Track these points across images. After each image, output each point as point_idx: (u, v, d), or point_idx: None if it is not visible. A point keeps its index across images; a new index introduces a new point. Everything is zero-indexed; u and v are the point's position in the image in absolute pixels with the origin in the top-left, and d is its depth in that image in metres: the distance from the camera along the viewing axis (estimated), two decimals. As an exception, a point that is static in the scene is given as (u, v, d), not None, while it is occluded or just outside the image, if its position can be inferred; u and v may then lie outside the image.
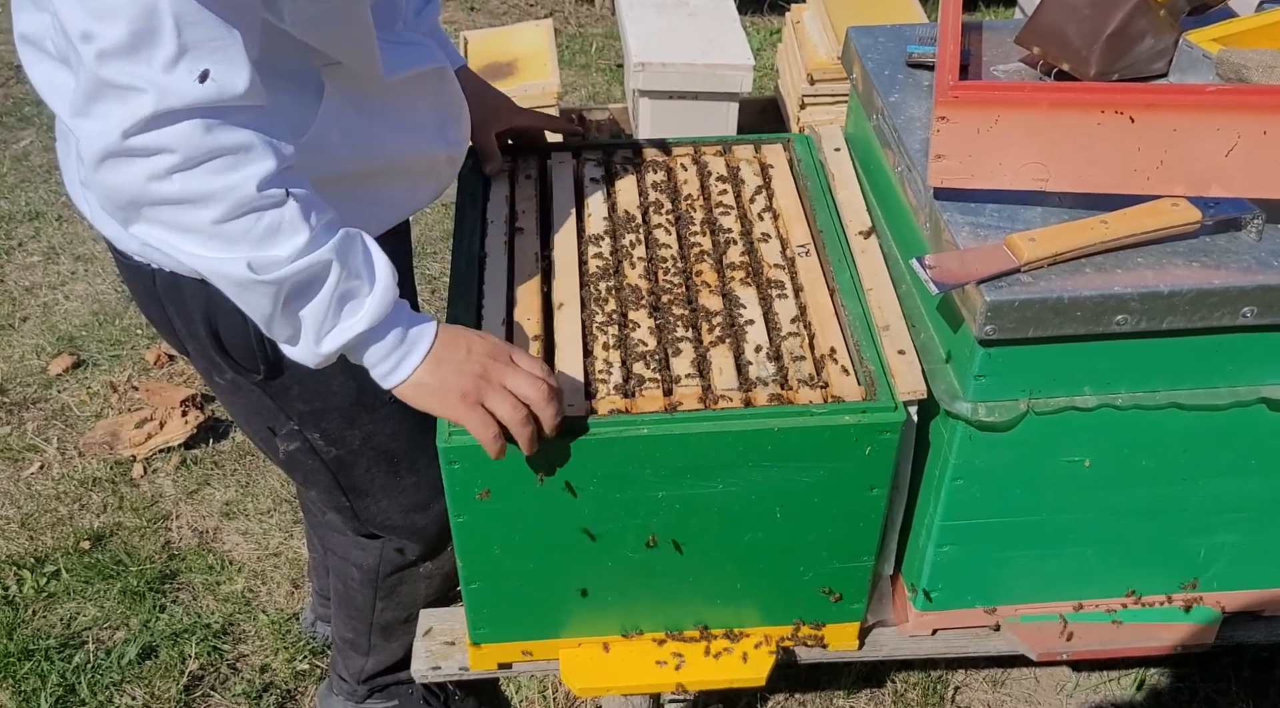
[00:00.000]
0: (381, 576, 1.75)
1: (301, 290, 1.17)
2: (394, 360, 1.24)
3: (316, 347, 1.21)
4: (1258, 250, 1.32)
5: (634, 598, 1.54)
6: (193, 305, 1.38)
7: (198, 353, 1.46)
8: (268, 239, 1.13)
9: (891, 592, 1.68)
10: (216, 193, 1.09)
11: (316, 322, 1.19)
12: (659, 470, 1.37)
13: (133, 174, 1.08)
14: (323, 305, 1.18)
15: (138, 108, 1.04)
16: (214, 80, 1.06)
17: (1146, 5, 1.44)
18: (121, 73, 1.03)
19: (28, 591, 2.30)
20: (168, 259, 1.33)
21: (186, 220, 1.11)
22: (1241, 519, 1.53)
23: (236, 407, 1.55)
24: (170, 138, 1.06)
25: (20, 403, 2.78)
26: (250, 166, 1.11)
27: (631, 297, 1.51)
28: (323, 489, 1.62)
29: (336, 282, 1.18)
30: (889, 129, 1.54)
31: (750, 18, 4.58)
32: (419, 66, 1.39)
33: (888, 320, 1.46)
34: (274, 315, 1.17)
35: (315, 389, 1.48)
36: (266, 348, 1.41)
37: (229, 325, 1.39)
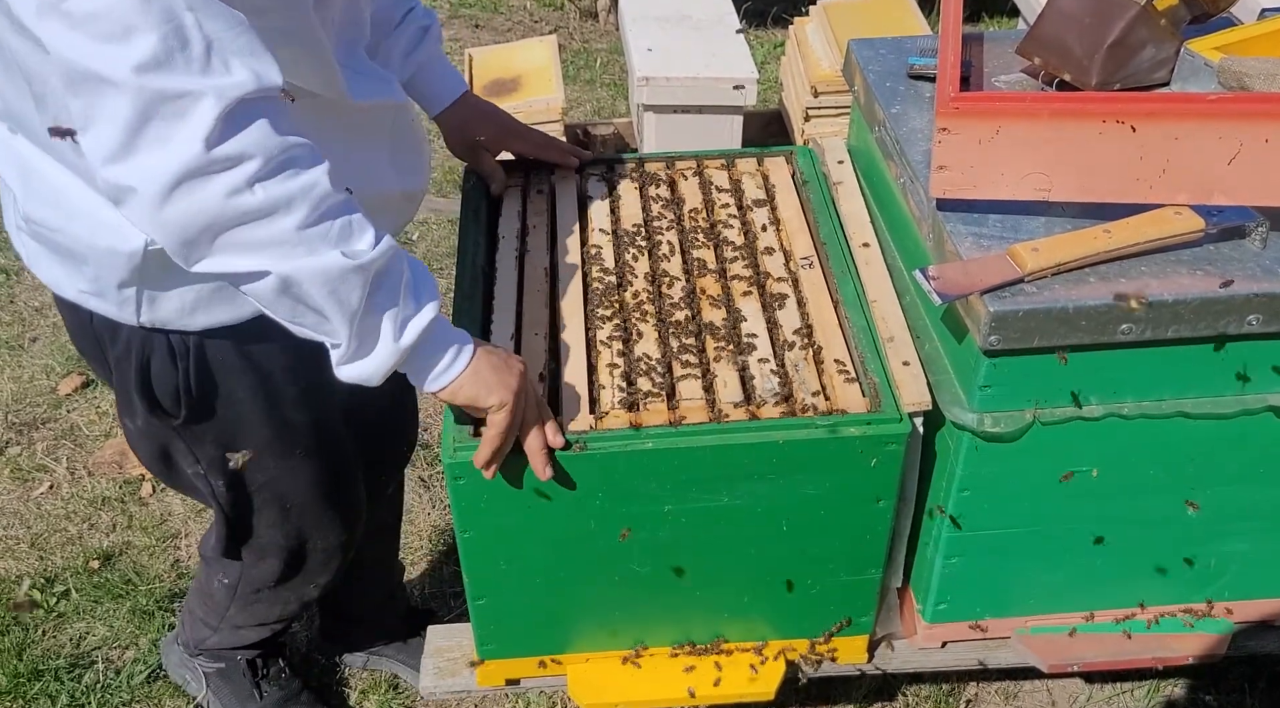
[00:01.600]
0: (240, 592, 1.77)
1: (383, 279, 1.17)
2: (454, 350, 1.25)
3: (397, 341, 1.20)
4: (1262, 258, 1.32)
5: (641, 613, 1.53)
6: (128, 347, 1.37)
7: (120, 392, 1.44)
8: (345, 237, 1.14)
9: (900, 604, 1.67)
10: (298, 195, 1.09)
11: (395, 315, 1.19)
12: (664, 484, 1.36)
13: (212, 193, 1.05)
14: (399, 294, 1.19)
15: (204, 113, 1.01)
16: (250, 70, 1.04)
17: (1148, 15, 1.44)
18: (171, 82, 0.99)
19: (37, 610, 2.30)
20: (106, 307, 1.31)
21: (269, 232, 1.09)
22: (1251, 528, 1.52)
23: (143, 448, 1.54)
24: (249, 142, 1.04)
25: (30, 423, 2.78)
26: (317, 165, 1.11)
27: (635, 310, 1.52)
28: (216, 520, 1.63)
29: (403, 270, 1.19)
30: (891, 141, 1.55)
31: (753, 31, 4.60)
32: (384, 98, 1.38)
33: (892, 332, 1.46)
34: (358, 312, 1.16)
35: (231, 434, 1.47)
36: (194, 393, 1.40)
37: (161, 368, 1.38)
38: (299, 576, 1.73)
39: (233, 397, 1.43)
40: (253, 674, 1.98)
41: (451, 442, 1.33)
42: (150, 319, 1.32)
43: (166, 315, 1.32)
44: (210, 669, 1.98)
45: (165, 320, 1.33)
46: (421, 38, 1.57)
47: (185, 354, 1.37)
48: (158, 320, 1.33)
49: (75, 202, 1.22)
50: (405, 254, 1.22)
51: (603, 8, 4.71)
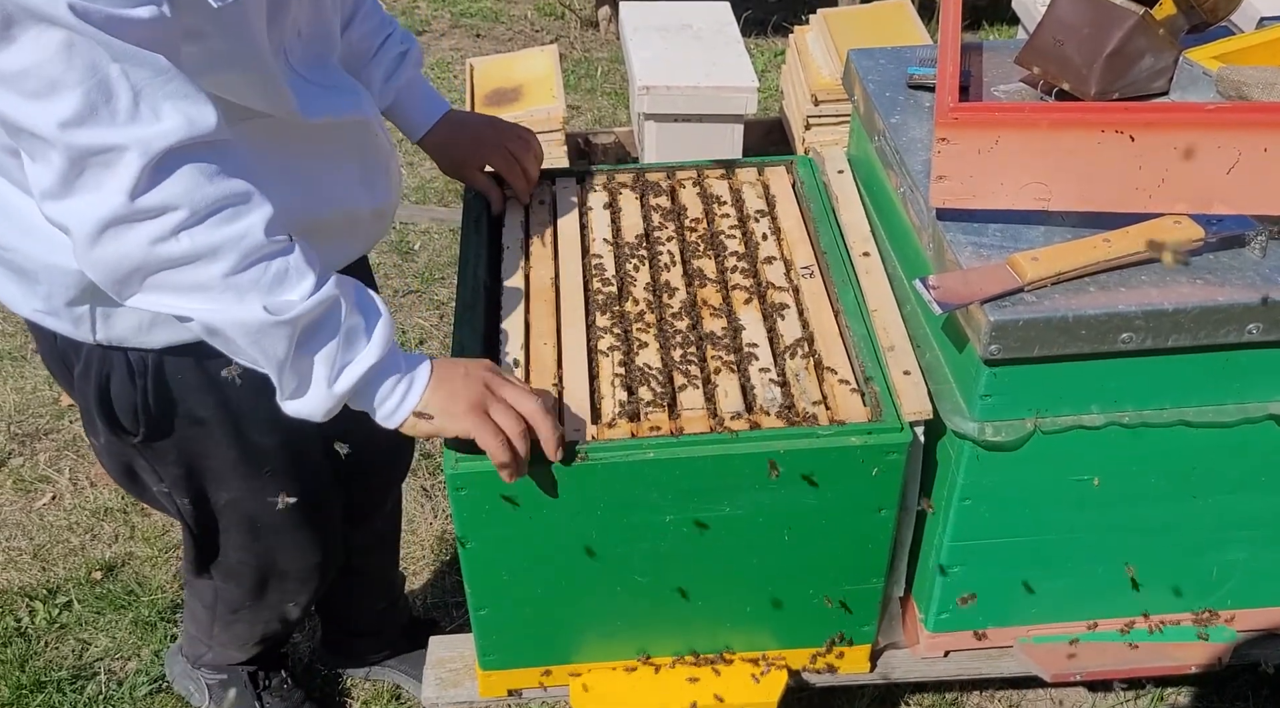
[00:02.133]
0: (219, 612, 1.79)
1: (314, 330, 1.16)
2: (401, 391, 1.23)
3: (330, 388, 1.19)
4: (1262, 267, 1.32)
5: (643, 623, 1.53)
6: (87, 364, 1.37)
7: (82, 409, 1.45)
8: (277, 285, 1.13)
9: (902, 613, 1.67)
10: (226, 244, 1.09)
11: (329, 360, 1.18)
12: (666, 494, 1.36)
13: (136, 240, 1.06)
14: (334, 343, 1.17)
15: (128, 166, 1.02)
16: (183, 115, 1.04)
17: (1146, 24, 1.45)
18: (94, 137, 1.01)
19: (40, 622, 2.31)
20: (62, 325, 1.32)
21: (195, 278, 1.10)
22: (1253, 536, 1.52)
23: (109, 465, 1.55)
24: (174, 191, 1.05)
25: (33, 434, 2.79)
26: (253, 213, 1.11)
27: (637, 320, 1.52)
28: (185, 538, 1.64)
29: (343, 318, 1.18)
30: (891, 150, 1.55)
31: (754, 40, 4.61)
32: (341, 114, 1.35)
33: (893, 341, 1.46)
34: (286, 361, 1.16)
35: (193, 452, 1.47)
36: (152, 411, 1.40)
37: (120, 386, 1.38)
38: (273, 596, 1.73)
39: (193, 415, 1.43)
40: (254, 686, 1.98)
41: (453, 454, 1.33)
42: (107, 337, 1.32)
43: (123, 333, 1.32)
44: (213, 681, 1.99)
45: (122, 338, 1.33)
46: (399, 63, 1.56)
47: (144, 372, 1.37)
48: (114, 338, 1.32)
49: (28, 219, 1.21)
50: (352, 293, 1.20)
51: (603, 17, 4.72)
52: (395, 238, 3.50)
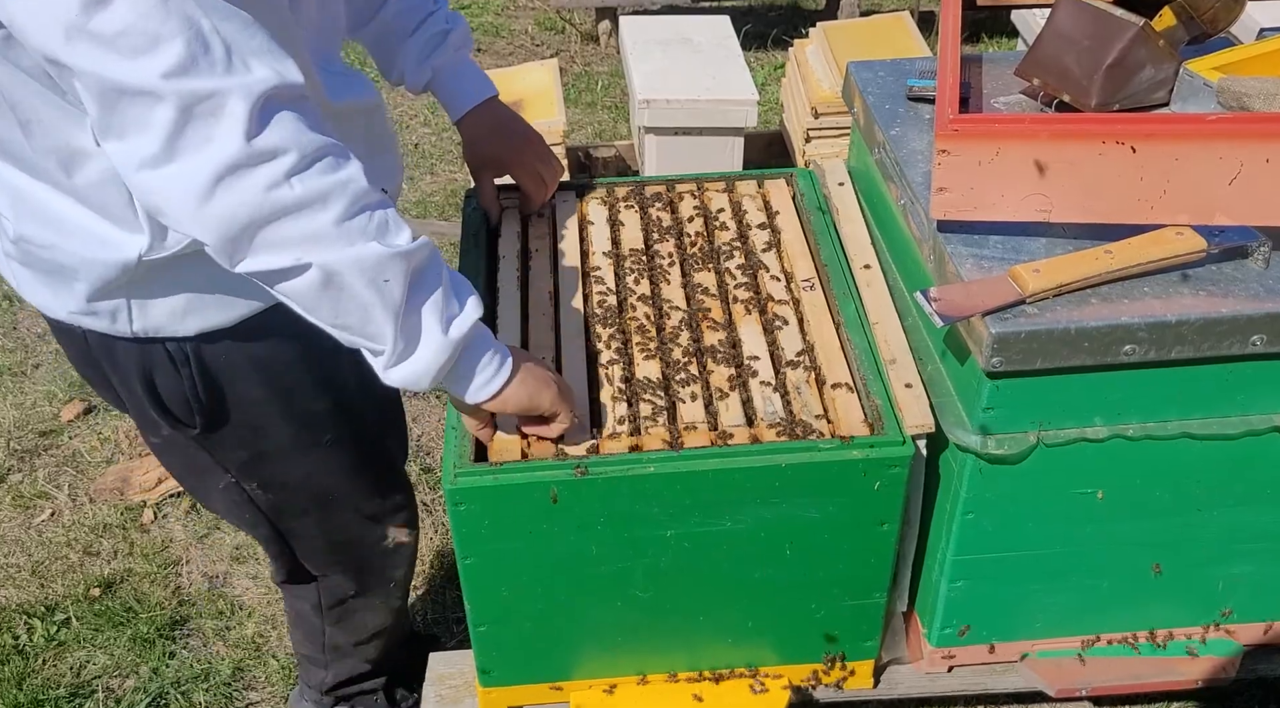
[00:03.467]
0: (326, 608, 1.76)
1: (423, 274, 1.17)
2: (500, 356, 1.25)
3: (445, 335, 1.19)
4: (1265, 278, 1.31)
5: (645, 639, 1.52)
6: (127, 363, 1.36)
7: (135, 410, 1.44)
8: (383, 233, 1.14)
9: (906, 628, 1.66)
10: (335, 190, 1.09)
11: (438, 312, 1.18)
12: (666, 509, 1.36)
13: (252, 187, 1.06)
14: (439, 293, 1.18)
15: (236, 109, 1.03)
16: (270, 68, 1.06)
17: (1146, 35, 1.45)
18: (201, 84, 1.02)
19: (38, 639, 2.29)
20: (98, 323, 1.31)
21: (307, 227, 1.09)
22: (1259, 550, 1.51)
23: (173, 463, 1.53)
24: (283, 136, 1.06)
25: (32, 450, 2.78)
26: (352, 162, 1.12)
27: (637, 333, 1.51)
28: (261, 536, 1.62)
29: (442, 270, 1.19)
30: (891, 162, 1.55)
31: (754, 53, 4.62)
32: (359, 98, 1.38)
33: (894, 354, 1.45)
34: (401, 305, 1.15)
35: (253, 436, 1.46)
36: (203, 399, 1.40)
37: (165, 379, 1.37)
38: (371, 573, 1.71)
39: (245, 397, 1.42)
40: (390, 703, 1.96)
41: (452, 467, 1.32)
42: (143, 328, 1.32)
43: (159, 322, 1.32)
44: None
45: (158, 327, 1.33)
46: (441, 42, 1.57)
47: (185, 361, 1.37)
48: (150, 328, 1.32)
49: (68, 219, 1.22)
50: (442, 259, 1.22)
51: (604, 31, 4.73)
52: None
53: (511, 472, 1.31)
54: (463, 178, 3.83)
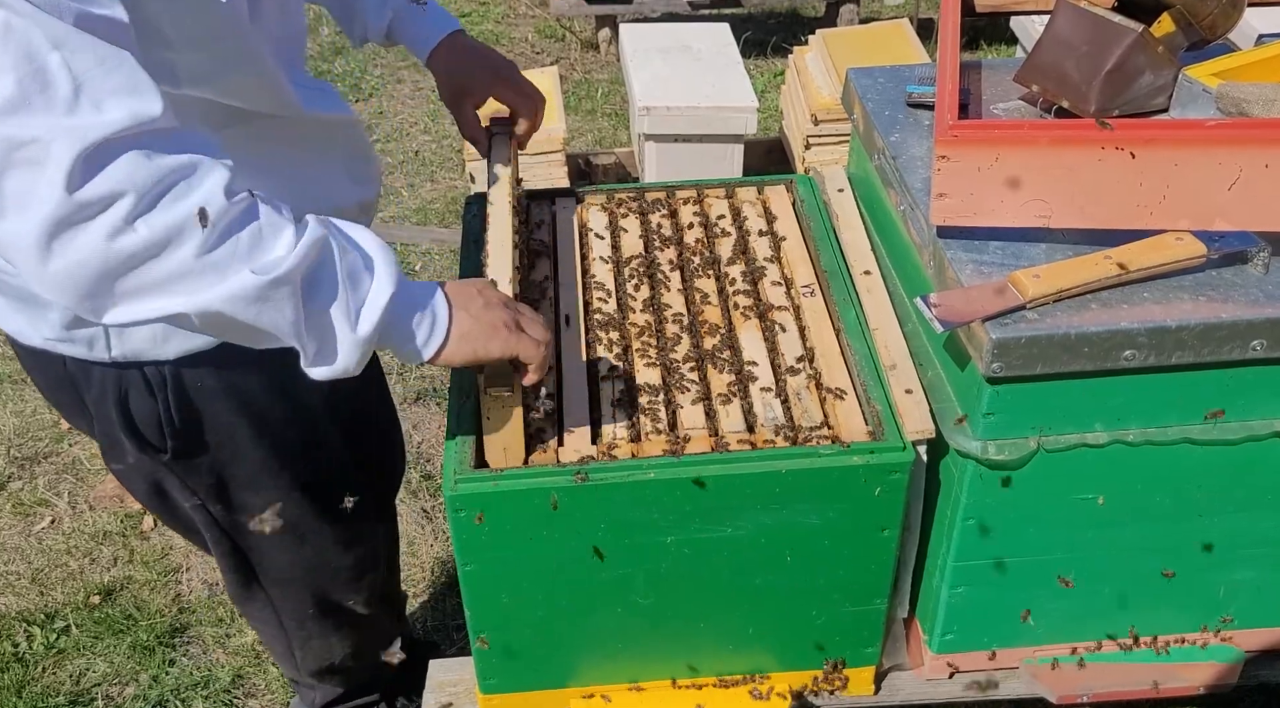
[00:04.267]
0: (290, 629, 1.74)
1: (315, 279, 1.08)
2: (428, 323, 1.17)
3: (355, 333, 1.11)
4: (1265, 283, 1.31)
5: (645, 645, 1.52)
6: (103, 387, 1.34)
7: (104, 434, 1.41)
8: (257, 248, 1.04)
9: (907, 635, 1.65)
10: (186, 222, 0.99)
11: (343, 308, 1.10)
12: (667, 515, 1.35)
13: (89, 241, 0.96)
14: (340, 288, 1.10)
15: (59, 157, 0.93)
16: (126, 108, 0.96)
17: (1145, 41, 1.45)
18: (22, 128, 0.92)
19: (37, 647, 2.29)
20: (75, 349, 1.28)
21: (167, 269, 1.00)
22: (1261, 555, 1.50)
23: (136, 487, 1.52)
24: (117, 179, 0.95)
25: (32, 457, 2.78)
26: (206, 180, 1.01)
27: (637, 340, 1.51)
28: (223, 553, 1.61)
29: (340, 257, 1.10)
30: (891, 169, 1.55)
31: (753, 60, 4.63)
32: (332, 111, 1.35)
33: (894, 359, 1.45)
34: (300, 322, 1.07)
35: (223, 461, 1.45)
36: (177, 424, 1.39)
37: (140, 403, 1.36)
38: (333, 596, 1.70)
39: (218, 422, 1.41)
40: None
41: (453, 474, 1.32)
42: (122, 353, 1.31)
43: (138, 346, 1.30)
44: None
45: (138, 352, 1.31)
46: None
47: (163, 385, 1.35)
48: (129, 353, 1.31)
49: None
50: (337, 231, 1.12)
51: (604, 39, 4.74)
52: (396, 259, 3.50)
53: (512, 478, 1.31)
54: (463, 185, 3.84)
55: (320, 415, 1.54)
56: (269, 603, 1.70)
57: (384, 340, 1.16)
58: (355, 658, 1.83)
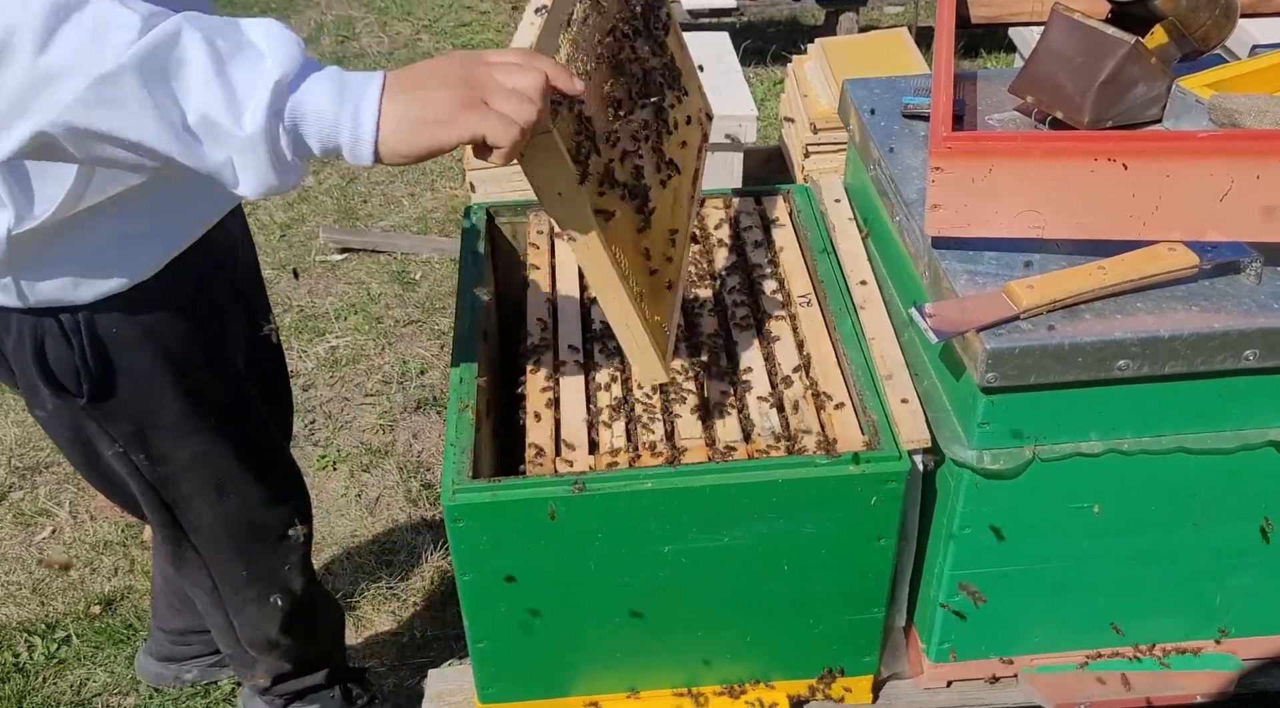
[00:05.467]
0: (225, 595, 1.76)
1: (170, 73, 0.95)
2: (350, 110, 1.00)
3: (241, 129, 0.96)
4: (1257, 293, 1.32)
5: (643, 655, 1.52)
6: (20, 334, 1.37)
7: (23, 382, 1.44)
8: (95, 45, 0.92)
9: (904, 643, 1.66)
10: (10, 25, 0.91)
11: (220, 103, 0.95)
12: (664, 524, 1.36)
13: None
14: (210, 81, 0.95)
15: None
16: None
17: (1138, 53, 1.46)
18: None
19: (38, 657, 2.29)
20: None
21: (9, 81, 0.92)
22: (1256, 564, 1.51)
23: (60, 436, 1.53)
24: None
25: (33, 467, 2.79)
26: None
27: (634, 351, 1.52)
28: (150, 507, 1.62)
29: (205, 45, 0.95)
30: (886, 179, 1.56)
31: (753, 69, 4.64)
32: None
33: (890, 369, 1.46)
34: (167, 126, 0.95)
35: (142, 408, 1.47)
36: (92, 369, 1.40)
37: (55, 349, 1.38)
38: (264, 560, 1.71)
39: (135, 368, 1.43)
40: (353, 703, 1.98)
41: (451, 484, 1.33)
42: (37, 299, 1.32)
43: (51, 294, 1.32)
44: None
45: (51, 298, 1.33)
46: None
47: (77, 330, 1.37)
48: (43, 300, 1.33)
49: None
50: (213, 23, 0.98)
51: (603, 48, 4.75)
52: (396, 268, 3.51)
53: (510, 488, 1.32)
54: (463, 194, 3.85)
55: (240, 368, 1.56)
56: (203, 565, 1.71)
57: (298, 141, 1.01)
58: (289, 627, 1.82)
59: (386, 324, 3.27)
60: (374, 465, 2.77)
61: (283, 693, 1.96)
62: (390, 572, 2.49)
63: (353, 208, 3.87)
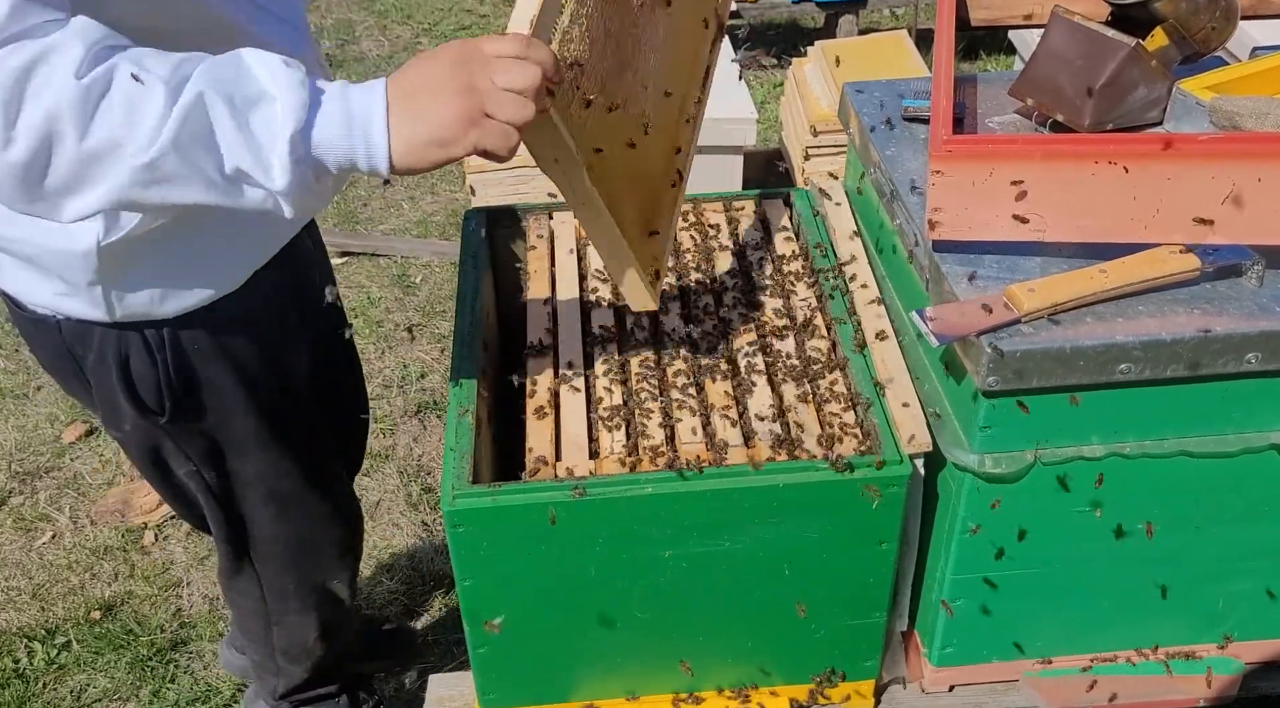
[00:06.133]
0: (271, 607, 1.78)
1: (203, 142, 1.01)
2: (360, 137, 1.05)
3: (274, 183, 1.03)
4: (1259, 296, 1.31)
5: (644, 659, 1.52)
6: (104, 349, 1.37)
7: (103, 400, 1.44)
8: (131, 121, 0.99)
9: (906, 648, 1.65)
10: (51, 123, 0.96)
11: (250, 161, 1.02)
12: (664, 529, 1.36)
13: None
14: (236, 144, 1.02)
15: None
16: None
17: (1138, 55, 1.45)
18: None
19: (38, 663, 2.29)
20: (79, 307, 1.31)
21: (65, 167, 0.98)
22: (1259, 567, 1.50)
23: (136, 452, 1.55)
24: None
25: (33, 472, 2.79)
26: (57, 65, 0.96)
27: (634, 354, 1.52)
28: (215, 522, 1.64)
29: (225, 105, 1.01)
30: (886, 183, 1.55)
31: (753, 72, 4.64)
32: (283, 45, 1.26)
33: (891, 373, 1.45)
34: (212, 186, 1.03)
35: (217, 425, 1.49)
36: (175, 385, 1.42)
37: (140, 365, 1.38)
38: (315, 575, 1.74)
39: (214, 384, 1.44)
40: None
41: (450, 489, 1.32)
42: (123, 314, 1.33)
43: (136, 308, 1.33)
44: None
45: (135, 313, 1.34)
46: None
47: (161, 346, 1.38)
48: (128, 314, 1.34)
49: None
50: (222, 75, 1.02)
51: (603, 51, 4.75)
52: (397, 272, 3.51)
53: (510, 493, 1.32)
54: (463, 197, 3.85)
55: (307, 397, 1.59)
56: (255, 578, 1.74)
57: (322, 169, 1.07)
58: (325, 638, 1.86)
59: (387, 328, 3.27)
60: (374, 469, 2.76)
61: (294, 700, 1.96)
62: (390, 576, 2.49)
63: (353, 211, 3.87)
